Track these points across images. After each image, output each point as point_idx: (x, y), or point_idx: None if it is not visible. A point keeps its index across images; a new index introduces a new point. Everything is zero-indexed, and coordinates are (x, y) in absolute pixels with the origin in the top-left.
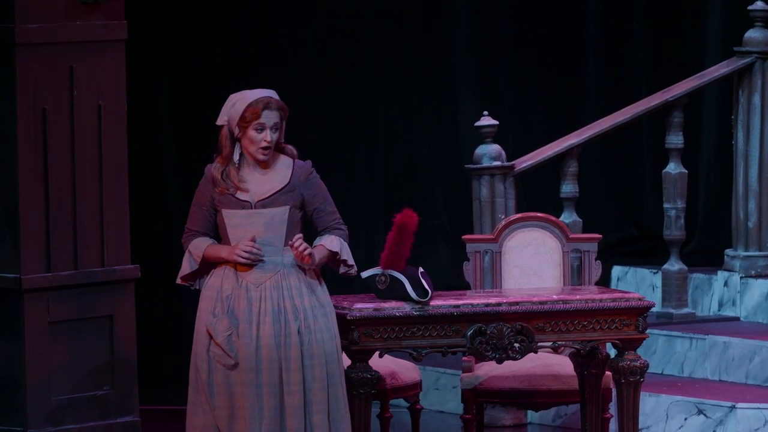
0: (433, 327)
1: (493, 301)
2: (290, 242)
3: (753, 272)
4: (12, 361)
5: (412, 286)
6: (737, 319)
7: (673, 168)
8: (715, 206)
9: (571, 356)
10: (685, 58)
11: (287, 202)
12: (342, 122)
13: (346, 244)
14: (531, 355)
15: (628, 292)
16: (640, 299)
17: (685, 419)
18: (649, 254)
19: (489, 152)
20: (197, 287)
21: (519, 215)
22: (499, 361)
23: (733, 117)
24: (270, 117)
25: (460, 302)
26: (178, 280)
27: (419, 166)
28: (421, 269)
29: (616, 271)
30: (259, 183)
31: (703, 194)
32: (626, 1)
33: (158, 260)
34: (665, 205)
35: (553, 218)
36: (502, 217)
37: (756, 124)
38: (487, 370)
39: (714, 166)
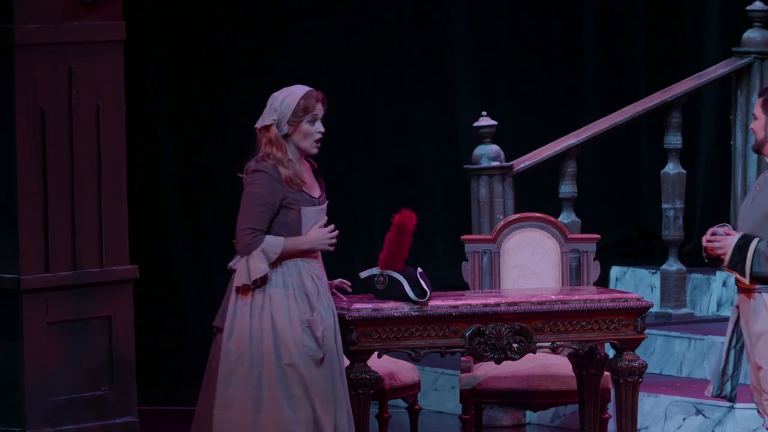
0: (432, 327)
1: (491, 301)
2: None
3: None
4: (10, 362)
5: (410, 287)
6: None
7: (672, 168)
8: (713, 206)
9: (570, 356)
10: (684, 59)
11: (327, 197)
12: (341, 122)
13: None
14: (529, 355)
15: (627, 293)
16: (638, 299)
17: (684, 419)
18: (648, 254)
19: (487, 152)
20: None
21: (517, 215)
22: (498, 362)
23: (731, 117)
24: (320, 109)
25: (459, 302)
26: (248, 282)
27: (418, 167)
28: (419, 269)
29: (615, 271)
30: (309, 179)
31: (701, 194)
32: (625, 1)
33: (157, 261)
34: (664, 206)
35: (552, 218)
36: (501, 217)
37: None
38: (486, 370)
39: (712, 166)
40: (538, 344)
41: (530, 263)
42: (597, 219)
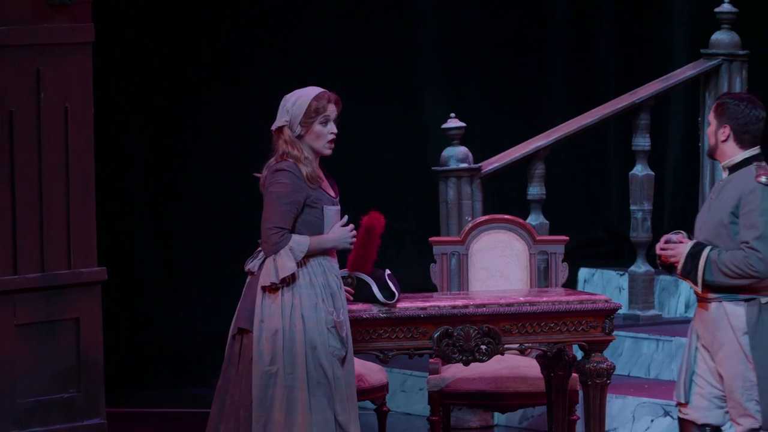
0: (400, 329)
1: (459, 303)
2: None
3: None
4: None
5: (378, 289)
6: None
7: (640, 170)
8: (681, 208)
9: (538, 358)
10: (652, 61)
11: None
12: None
13: None
14: (498, 357)
15: (595, 294)
16: (606, 301)
17: (652, 421)
18: (616, 256)
19: (456, 154)
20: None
21: (486, 217)
22: (466, 363)
23: (699, 119)
24: (332, 110)
25: (427, 304)
26: (276, 280)
27: (386, 169)
28: (388, 271)
29: (583, 272)
30: (325, 179)
31: (670, 196)
32: (593, 3)
33: (125, 263)
34: (632, 207)
35: (520, 220)
36: (469, 219)
37: None
38: (454, 372)
39: (681, 168)
40: (506, 346)
41: (498, 265)
42: (565, 221)
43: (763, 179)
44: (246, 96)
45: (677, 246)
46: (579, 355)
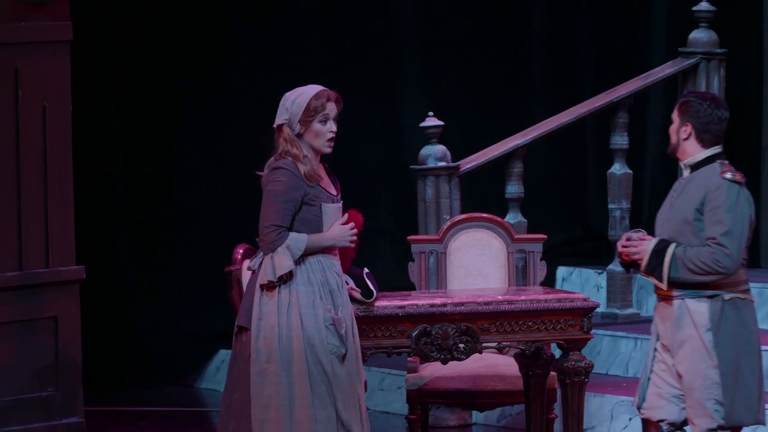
0: (378, 328)
1: (438, 301)
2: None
3: None
4: None
5: (357, 287)
6: None
7: (618, 168)
8: (659, 206)
9: (516, 357)
10: (630, 59)
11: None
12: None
13: None
14: (476, 355)
15: (573, 293)
16: (584, 300)
17: (630, 419)
18: (594, 255)
19: (434, 153)
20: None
21: (464, 216)
22: (444, 362)
23: None
24: (332, 108)
25: (405, 303)
26: (273, 278)
27: (364, 167)
28: (366, 270)
29: (561, 271)
30: (325, 177)
31: (648, 195)
32: (571, 2)
33: (103, 261)
34: (610, 206)
35: (498, 219)
36: (447, 217)
37: None
38: (432, 370)
39: (659, 166)
40: (484, 344)
41: (477, 263)
42: (543, 219)
43: (728, 176)
44: (227, 94)
45: (640, 243)
46: (557, 353)
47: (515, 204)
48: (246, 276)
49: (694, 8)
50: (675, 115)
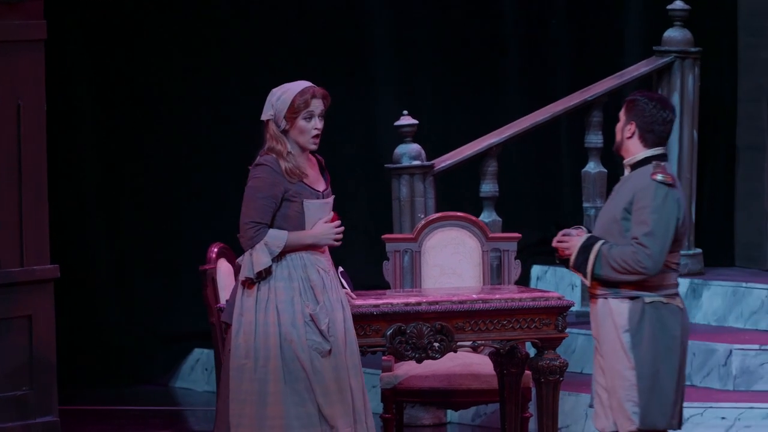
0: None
1: (412, 300)
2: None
3: None
4: None
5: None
6: None
7: (593, 167)
8: None
9: (491, 355)
10: (605, 58)
11: (332, 191)
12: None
13: None
14: (450, 354)
15: (548, 291)
16: (559, 298)
17: None
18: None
19: (409, 152)
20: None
21: (438, 214)
22: (419, 361)
23: None
24: (317, 105)
25: (380, 302)
26: (251, 275)
27: (339, 166)
28: (340, 269)
29: (536, 270)
30: (313, 173)
31: None
32: (546, 0)
33: (77, 260)
34: (584, 205)
35: (473, 217)
36: (422, 216)
37: (675, 124)
38: (407, 369)
39: None
40: (459, 343)
41: (451, 262)
42: (518, 218)
43: (658, 177)
44: (201, 93)
45: (572, 239)
46: (532, 352)
47: (490, 203)
48: (221, 275)
49: (669, 7)
50: (621, 113)
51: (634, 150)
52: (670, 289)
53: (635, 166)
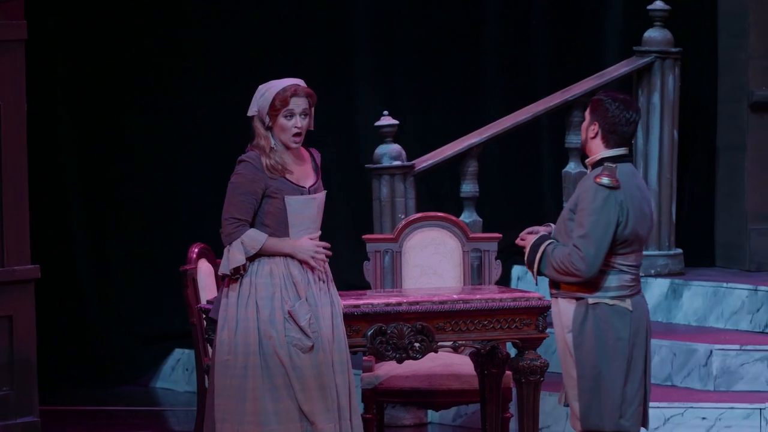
0: None
1: (393, 300)
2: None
3: (652, 271)
4: None
5: None
6: None
7: (573, 167)
8: None
9: (472, 356)
10: (585, 58)
11: (323, 187)
12: (242, 122)
13: None
14: (431, 354)
15: (528, 292)
16: (539, 299)
17: None
18: None
19: (389, 152)
20: (238, 275)
21: (419, 215)
22: (400, 361)
23: None
24: (298, 104)
25: (360, 302)
26: (226, 271)
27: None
28: None
29: (516, 270)
30: (299, 169)
31: None
32: (526, 0)
33: (58, 260)
34: (565, 205)
35: (453, 218)
36: (402, 216)
37: (655, 124)
38: (388, 369)
39: None
40: (439, 343)
41: (432, 262)
42: (498, 218)
43: (603, 180)
44: (182, 93)
45: (528, 237)
46: (512, 352)
47: (470, 203)
48: (201, 275)
49: (649, 7)
50: (587, 113)
51: (596, 150)
52: (619, 290)
53: (594, 166)
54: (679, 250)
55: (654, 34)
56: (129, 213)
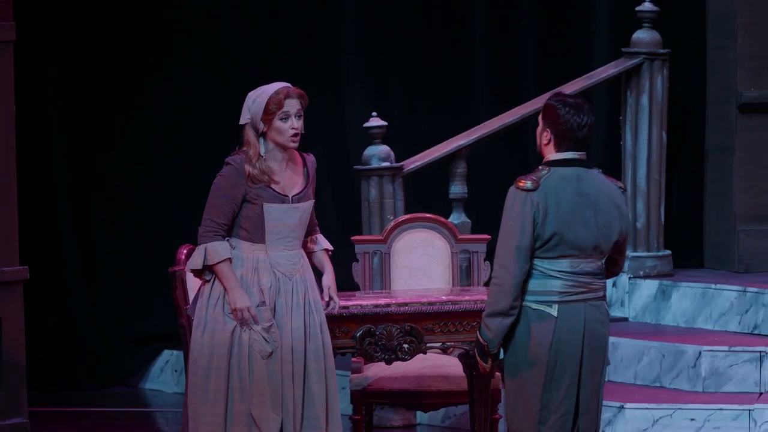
0: None
1: (382, 302)
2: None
3: (641, 273)
4: None
5: None
6: (626, 319)
7: None
8: None
9: (460, 357)
10: (574, 59)
11: (311, 196)
12: (230, 122)
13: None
14: (420, 356)
15: None
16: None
17: None
18: None
19: (378, 153)
20: (206, 279)
21: (408, 216)
22: (388, 362)
23: (621, 118)
24: (292, 105)
25: (349, 303)
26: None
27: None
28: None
29: None
30: (287, 177)
31: None
32: (514, 1)
33: (47, 262)
34: None
35: (442, 219)
36: (391, 218)
37: (644, 125)
38: (377, 371)
39: (602, 166)
40: (428, 345)
41: (421, 264)
42: (487, 219)
43: (527, 184)
44: (171, 94)
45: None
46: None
47: (459, 204)
48: (190, 276)
49: (638, 8)
50: (540, 118)
51: (548, 155)
52: (545, 296)
53: None
54: (668, 252)
55: (642, 36)
56: (118, 214)
